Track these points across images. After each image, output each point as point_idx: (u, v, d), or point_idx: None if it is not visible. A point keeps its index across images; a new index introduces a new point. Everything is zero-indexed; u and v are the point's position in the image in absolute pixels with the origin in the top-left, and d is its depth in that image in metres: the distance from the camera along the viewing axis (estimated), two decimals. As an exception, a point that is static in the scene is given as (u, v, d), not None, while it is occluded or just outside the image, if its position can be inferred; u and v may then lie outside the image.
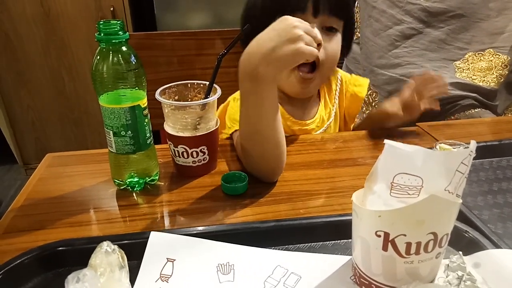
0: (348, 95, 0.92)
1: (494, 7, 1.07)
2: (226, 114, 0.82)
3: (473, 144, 0.37)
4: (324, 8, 0.73)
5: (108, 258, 0.42)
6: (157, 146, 0.67)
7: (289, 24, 0.55)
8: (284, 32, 0.55)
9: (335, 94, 0.90)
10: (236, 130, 0.75)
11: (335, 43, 0.77)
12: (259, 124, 0.61)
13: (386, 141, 0.38)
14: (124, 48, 0.56)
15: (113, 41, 0.54)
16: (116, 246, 0.44)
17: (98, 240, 0.45)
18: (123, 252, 0.44)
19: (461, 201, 0.39)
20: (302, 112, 0.87)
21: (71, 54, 1.95)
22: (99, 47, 0.55)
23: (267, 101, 0.59)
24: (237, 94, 0.83)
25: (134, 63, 0.56)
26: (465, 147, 0.38)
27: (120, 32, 0.54)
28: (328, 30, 0.75)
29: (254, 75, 0.57)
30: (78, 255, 0.45)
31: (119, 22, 0.55)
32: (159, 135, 1.10)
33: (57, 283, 0.45)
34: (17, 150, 2.11)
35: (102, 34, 0.54)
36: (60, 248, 0.48)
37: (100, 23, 0.54)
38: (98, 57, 0.55)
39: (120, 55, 0.55)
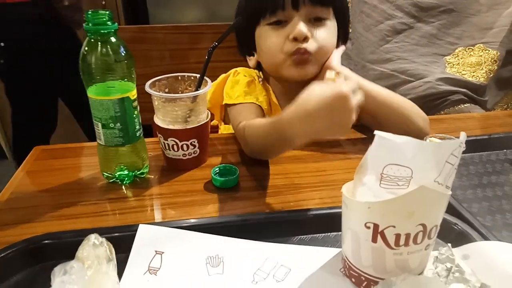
0: None
1: (485, 2, 1.08)
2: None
3: (463, 136, 0.37)
4: (302, 2, 0.71)
5: (95, 250, 0.42)
6: (147, 139, 0.66)
7: (348, 111, 0.50)
8: (340, 119, 0.51)
9: None
10: (233, 104, 0.77)
11: (324, 31, 0.74)
12: (271, 151, 0.67)
13: (376, 132, 0.38)
14: (113, 39, 0.55)
15: (102, 31, 0.53)
16: (103, 239, 0.44)
17: (86, 233, 0.45)
18: (111, 245, 0.44)
19: (450, 192, 0.39)
20: None
21: (62, 48, 1.93)
22: (87, 38, 0.54)
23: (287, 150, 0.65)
24: (232, 81, 0.83)
25: (123, 54, 0.55)
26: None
27: (109, 22, 0.54)
28: (316, 21, 0.73)
29: (286, 137, 0.58)
30: (65, 248, 0.45)
31: (107, 12, 0.54)
32: (151, 129, 1.09)
33: (44, 276, 0.44)
34: (7, 145, 2.09)
35: (90, 24, 0.53)
36: (47, 241, 0.47)
37: (89, 13, 0.53)
38: (86, 47, 0.54)
39: (108, 46, 0.54)
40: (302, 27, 0.70)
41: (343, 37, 0.81)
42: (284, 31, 0.73)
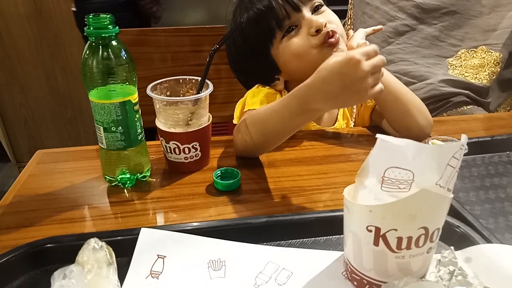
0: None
1: (487, 4, 1.07)
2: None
3: (464, 138, 0.37)
4: (300, 1, 0.73)
5: (95, 254, 0.42)
6: (148, 142, 0.66)
7: (359, 76, 0.53)
8: (352, 84, 0.53)
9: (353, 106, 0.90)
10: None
11: (328, 13, 0.77)
12: (279, 131, 0.65)
13: (378, 135, 0.38)
14: (114, 43, 0.55)
15: (103, 35, 0.54)
16: (103, 243, 0.44)
17: (87, 236, 0.45)
18: (111, 248, 0.44)
19: (452, 195, 0.39)
20: (324, 117, 0.87)
21: (64, 52, 1.94)
22: (88, 41, 0.55)
23: (302, 124, 0.65)
24: (254, 91, 0.84)
25: (124, 57, 0.56)
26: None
27: (110, 26, 0.54)
28: (316, 9, 0.76)
29: (306, 104, 0.59)
30: (67, 252, 0.45)
31: (108, 16, 0.54)
32: (152, 132, 1.09)
33: (45, 280, 0.44)
34: (9, 148, 2.10)
35: (91, 28, 0.53)
36: (48, 245, 0.47)
37: (90, 17, 0.53)
38: (88, 51, 0.55)
39: (110, 50, 0.54)
40: (317, 18, 0.73)
41: None
42: (302, 32, 0.74)
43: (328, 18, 0.75)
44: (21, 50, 1.90)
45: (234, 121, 0.87)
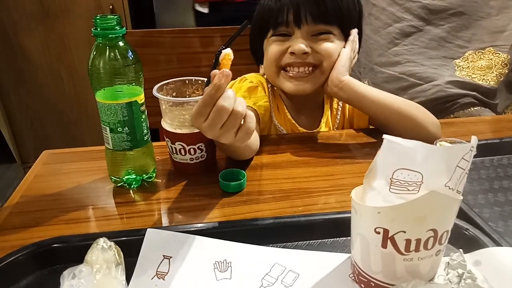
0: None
1: (495, 6, 1.07)
2: None
3: (474, 140, 0.37)
4: (306, 19, 0.72)
5: (104, 254, 0.42)
6: (154, 143, 0.66)
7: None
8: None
9: (337, 114, 0.89)
10: None
11: (327, 45, 0.74)
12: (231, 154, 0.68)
13: (385, 136, 0.38)
14: (121, 43, 0.55)
15: (110, 36, 0.54)
16: (112, 243, 0.44)
17: (94, 237, 0.45)
18: (119, 248, 0.44)
19: (461, 197, 0.38)
20: (307, 122, 0.87)
21: (71, 54, 1.95)
22: (95, 42, 0.55)
23: (238, 151, 0.66)
24: (236, 87, 0.84)
25: (131, 58, 0.56)
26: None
27: (117, 27, 0.54)
28: (319, 34, 0.74)
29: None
30: (73, 252, 0.45)
31: (116, 17, 0.54)
32: (157, 133, 1.09)
33: (52, 280, 0.45)
34: (15, 149, 2.11)
35: (98, 29, 0.53)
36: (55, 245, 0.47)
37: (97, 18, 0.53)
38: (95, 52, 0.55)
39: (117, 50, 0.54)
40: (301, 44, 0.72)
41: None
42: (285, 45, 0.75)
43: (322, 47, 0.73)
44: (28, 51, 1.91)
45: None
